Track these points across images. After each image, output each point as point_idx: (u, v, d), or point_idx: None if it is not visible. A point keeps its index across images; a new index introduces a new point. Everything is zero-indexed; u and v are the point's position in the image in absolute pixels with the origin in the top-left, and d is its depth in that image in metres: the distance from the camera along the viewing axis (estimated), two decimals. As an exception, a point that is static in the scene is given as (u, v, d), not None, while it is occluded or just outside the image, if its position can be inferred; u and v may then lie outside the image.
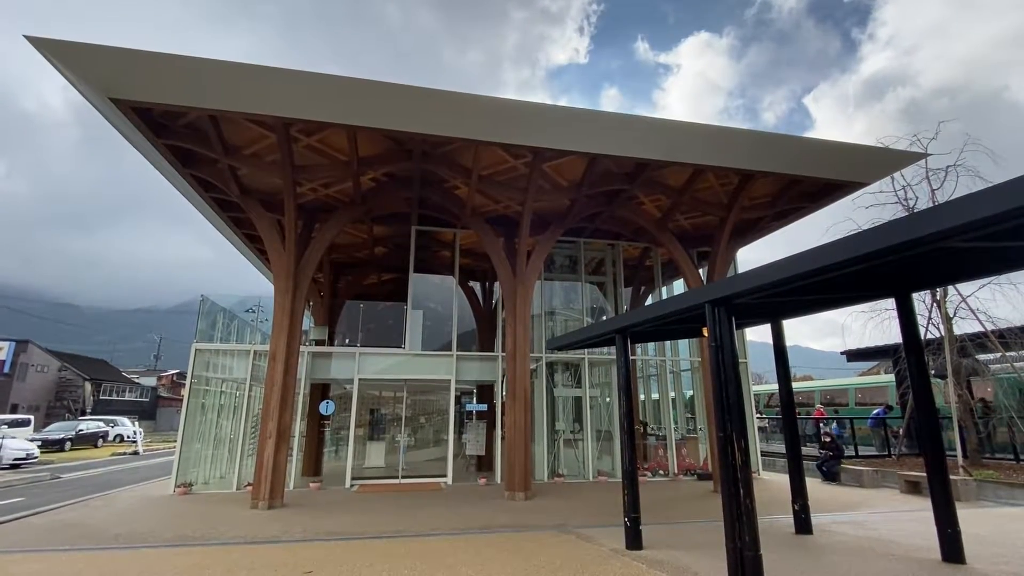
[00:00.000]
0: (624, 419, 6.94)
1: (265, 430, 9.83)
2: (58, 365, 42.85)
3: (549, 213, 12.15)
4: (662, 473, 13.58)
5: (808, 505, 7.36)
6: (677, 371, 16.33)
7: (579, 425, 13.68)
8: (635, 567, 5.76)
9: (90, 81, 7.51)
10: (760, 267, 4.60)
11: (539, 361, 13.65)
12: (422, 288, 14.34)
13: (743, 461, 4.99)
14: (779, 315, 7.53)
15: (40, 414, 36.11)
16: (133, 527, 7.92)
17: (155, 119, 8.66)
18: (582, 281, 14.90)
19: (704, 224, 13.37)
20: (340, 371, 12.91)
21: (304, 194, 11.16)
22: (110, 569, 5.78)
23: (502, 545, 6.78)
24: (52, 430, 25.60)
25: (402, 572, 5.63)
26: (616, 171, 10.90)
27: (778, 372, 7.91)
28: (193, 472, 11.84)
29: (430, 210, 12.42)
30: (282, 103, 8.17)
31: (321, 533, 7.52)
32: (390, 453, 14.12)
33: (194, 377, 12.01)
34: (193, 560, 6.13)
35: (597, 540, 6.99)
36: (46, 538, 7.25)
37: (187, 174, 10.00)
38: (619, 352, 7.15)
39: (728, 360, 5.23)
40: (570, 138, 9.32)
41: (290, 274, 10.40)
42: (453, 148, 9.93)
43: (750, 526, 4.84)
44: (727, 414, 5.15)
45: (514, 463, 10.47)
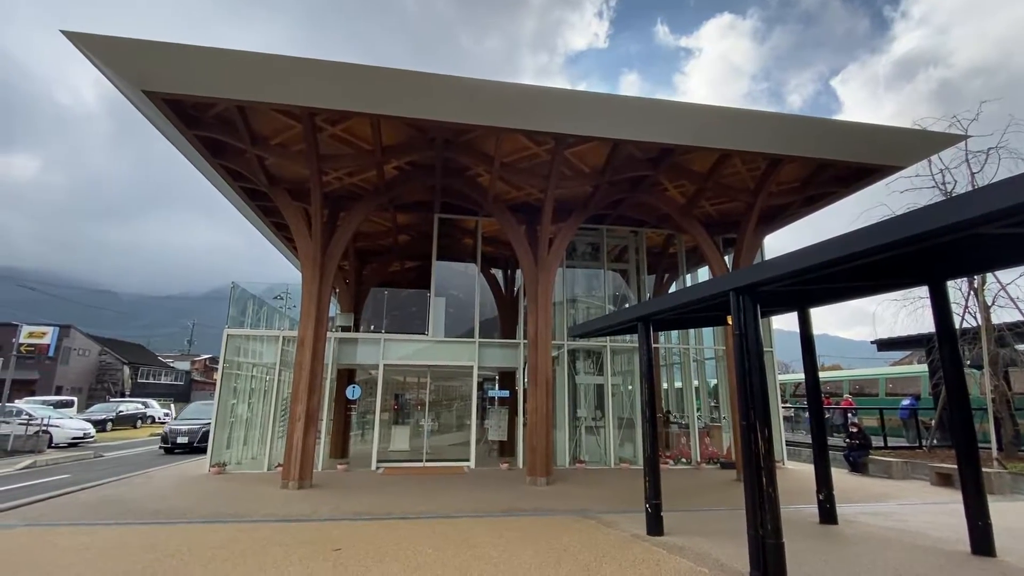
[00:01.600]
0: (646, 407, 6.95)
1: (294, 413, 10.14)
2: (98, 349, 44.72)
3: (571, 200, 12.08)
4: (684, 461, 13.55)
5: (833, 495, 7.28)
6: (701, 359, 16.17)
7: (601, 412, 13.71)
8: (656, 552, 5.81)
9: (124, 74, 7.74)
10: (788, 254, 4.53)
11: (561, 348, 13.69)
12: (445, 275, 14.48)
13: (766, 450, 4.97)
14: (807, 303, 7.39)
15: (83, 396, 37.83)
16: (172, 504, 8.30)
17: (186, 110, 8.89)
18: (604, 268, 14.82)
19: (730, 210, 13.12)
20: (365, 357, 13.18)
21: (329, 183, 11.33)
22: (152, 542, 6.10)
23: (524, 528, 6.90)
24: (94, 411, 26.84)
25: (427, 551, 5.80)
26: (640, 157, 10.75)
27: (805, 361, 7.79)
28: (226, 453, 12.31)
29: (452, 198, 12.48)
30: (307, 93, 8.28)
31: (348, 513, 7.76)
32: (414, 437, 14.40)
33: (226, 362, 12.43)
34: (228, 535, 6.42)
35: (618, 525, 7.05)
36: (92, 513, 7.67)
37: (217, 164, 10.25)
38: (642, 340, 7.13)
39: (753, 348, 5.18)
40: (593, 124, 9.22)
41: (317, 262, 10.62)
42: (475, 136, 9.94)
43: (772, 514, 4.83)
44: (751, 403, 5.12)
45: (536, 448, 10.58)
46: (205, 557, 5.53)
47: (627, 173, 10.93)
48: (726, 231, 13.66)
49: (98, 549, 5.80)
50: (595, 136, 9.48)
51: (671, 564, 5.38)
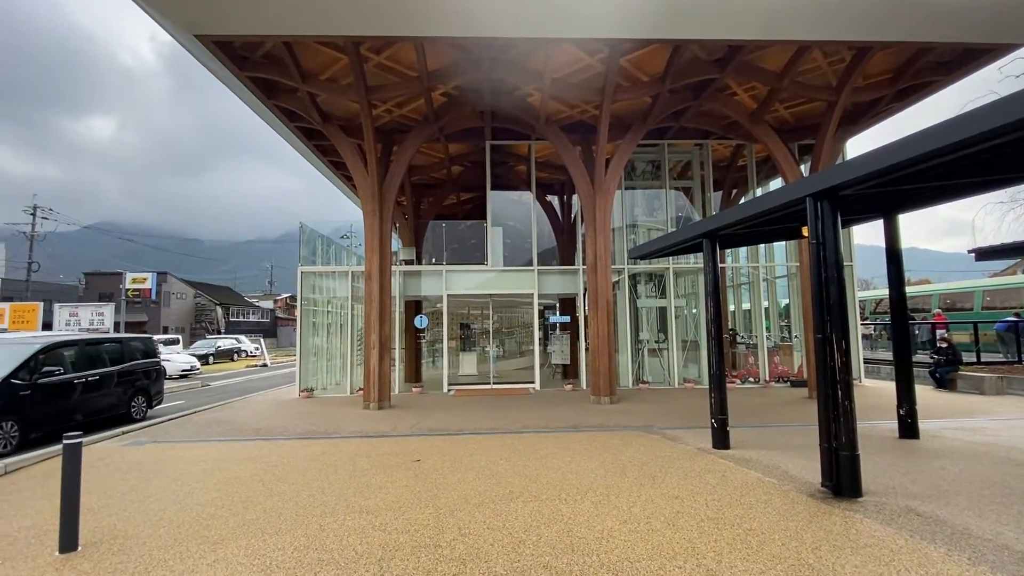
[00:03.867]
0: (712, 324, 6.78)
1: (369, 342, 10.79)
2: (193, 292, 49.11)
3: (628, 114, 11.38)
4: (752, 380, 13.35)
5: (915, 410, 6.96)
6: (771, 278, 15.45)
7: (664, 335, 13.61)
8: (721, 463, 5.88)
9: (175, 19, 7.83)
10: (875, 149, 4.07)
11: (621, 273, 13.49)
12: (500, 205, 14.38)
13: (843, 363, 4.75)
14: (894, 209, 6.73)
15: (185, 334, 42.12)
16: (270, 423, 9.27)
17: (236, 51, 8.96)
18: (666, 187, 14.12)
19: (807, 112, 11.89)
20: (429, 288, 13.63)
21: (380, 116, 11.27)
22: (255, 455, 6.89)
23: (590, 442, 7.16)
24: (197, 347, 29.96)
25: (498, 462, 6.18)
26: (704, 58, 9.80)
27: (889, 273, 7.22)
28: (313, 379, 13.46)
29: (503, 122, 12.08)
30: (348, 21, 8.06)
31: (424, 429, 8.36)
32: (481, 362, 15.05)
33: (304, 298, 13.29)
34: (320, 449, 7.12)
35: (683, 440, 7.16)
36: (204, 431, 8.72)
37: (272, 105, 10.42)
38: (707, 258, 6.84)
39: (831, 258, 4.83)
40: (652, 24, 8.41)
41: (375, 196, 10.82)
42: (522, 51, 9.39)
43: (847, 427, 4.70)
44: (827, 315, 4.85)
45: (599, 370, 10.75)
46: (301, 467, 6.20)
47: (690, 78, 10.05)
48: (802, 136, 12.48)
49: (212, 460, 6.64)
50: (654, 39, 8.70)
51: (737, 475, 5.44)
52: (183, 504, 4.91)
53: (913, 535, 3.82)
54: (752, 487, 5.02)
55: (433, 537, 4.00)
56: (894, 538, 3.77)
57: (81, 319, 18.50)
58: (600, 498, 4.79)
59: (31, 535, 4.26)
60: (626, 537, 3.91)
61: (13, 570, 3.63)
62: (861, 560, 3.45)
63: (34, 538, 4.19)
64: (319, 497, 5.01)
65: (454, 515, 4.45)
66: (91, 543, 4.03)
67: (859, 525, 4.03)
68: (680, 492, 4.91)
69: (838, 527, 4.00)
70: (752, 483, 5.15)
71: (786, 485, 5.06)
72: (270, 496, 5.07)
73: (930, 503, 4.46)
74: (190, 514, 4.63)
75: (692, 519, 4.23)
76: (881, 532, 3.89)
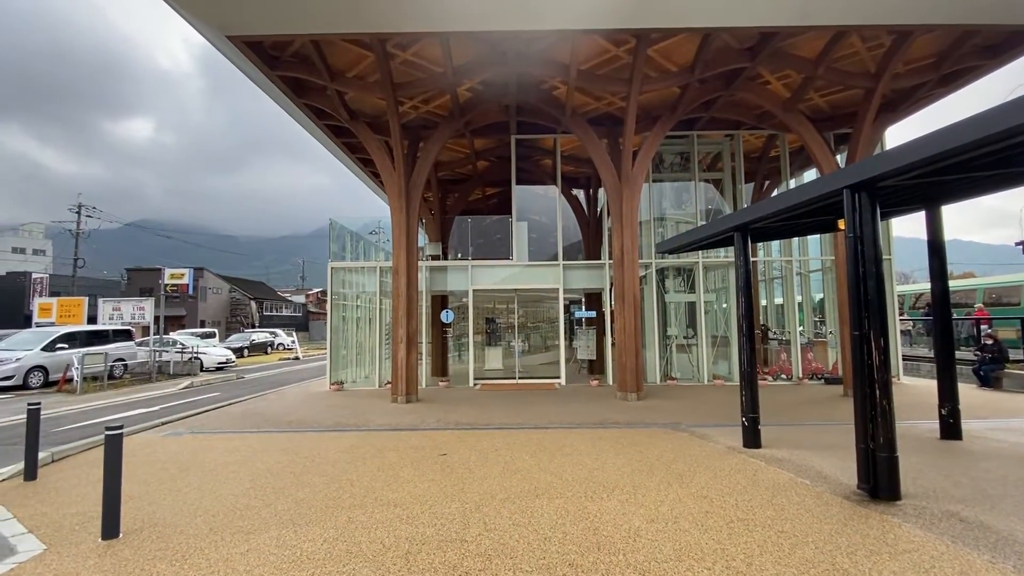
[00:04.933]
0: (743, 320, 6.62)
1: (396, 336, 10.93)
2: (228, 287, 50.62)
3: (656, 105, 11.16)
4: (784, 377, 13.01)
5: (958, 409, 6.66)
6: (805, 272, 14.99)
7: (693, 330, 13.37)
8: (752, 463, 5.75)
9: (208, 21, 8.02)
10: (916, 139, 3.88)
11: (649, 267, 13.30)
12: (525, 200, 14.34)
13: (881, 361, 4.57)
14: (937, 200, 6.42)
15: (221, 328, 43.49)
16: (302, 415, 9.50)
17: (267, 52, 9.13)
18: (695, 180, 13.82)
19: (844, 100, 11.44)
20: (455, 283, 13.71)
21: (406, 112, 11.35)
22: (289, 446, 7.07)
23: (617, 439, 7.10)
24: (232, 340, 30.93)
25: (524, 458, 6.19)
26: (735, 47, 9.53)
27: (931, 266, 6.90)
28: (343, 372, 13.73)
29: (528, 116, 12.00)
30: (375, 17, 8.12)
31: (451, 423, 8.43)
32: (506, 357, 15.08)
33: (334, 293, 13.54)
34: (350, 442, 7.26)
35: (712, 438, 7.03)
36: (239, 423, 8.99)
37: (301, 104, 10.60)
38: (738, 252, 6.67)
39: (869, 252, 4.65)
40: (680, 12, 8.22)
41: (402, 192, 10.92)
42: (548, 43, 9.29)
43: (885, 427, 4.52)
44: (864, 311, 4.68)
45: (625, 365, 10.64)
46: (331, 459, 6.33)
47: (720, 67, 9.78)
48: (838, 125, 12.03)
49: (246, 451, 6.84)
50: (683, 28, 8.50)
51: (769, 475, 5.31)
52: (218, 494, 5.07)
53: (955, 541, 3.66)
54: (784, 488, 4.90)
55: (459, 532, 4.03)
56: (935, 544, 3.63)
57: (123, 313, 19.27)
58: (627, 496, 4.75)
59: (76, 522, 4.46)
60: (653, 537, 3.87)
61: (59, 555, 3.82)
62: (900, 566, 3.32)
63: (79, 524, 4.39)
64: (348, 489, 5.11)
65: (480, 510, 4.48)
66: (132, 530, 4.20)
67: (897, 530, 3.89)
68: (709, 492, 4.82)
69: (875, 531, 3.87)
70: (784, 484, 5.02)
71: (820, 486, 4.92)
72: (301, 487, 5.20)
73: (973, 507, 4.27)
74: (224, 504, 4.78)
75: (721, 520, 4.15)
76: (921, 537, 3.74)
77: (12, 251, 51.93)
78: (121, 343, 17.48)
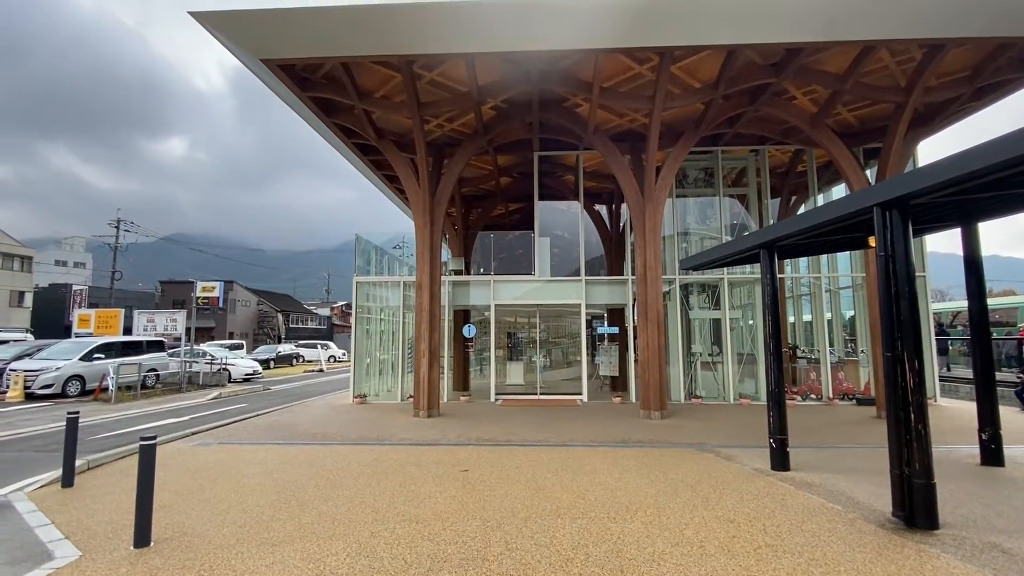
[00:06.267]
0: (770, 339, 6.49)
1: (419, 350, 11.03)
2: (256, 300, 51.83)
3: (680, 121, 11.15)
4: (814, 397, 12.66)
5: (1000, 434, 6.38)
6: (835, 289, 14.64)
7: (718, 348, 13.14)
8: (780, 487, 5.59)
9: (244, 46, 8.37)
10: (950, 156, 3.80)
11: (672, 283, 13.16)
12: (548, 215, 14.40)
13: (916, 383, 4.43)
14: (973, 217, 6.25)
15: (248, 340, 44.46)
16: (326, 428, 9.61)
17: (298, 73, 9.46)
18: (720, 195, 13.69)
19: (873, 114, 11.25)
20: (477, 298, 13.80)
21: (431, 131, 11.58)
22: (313, 458, 7.16)
23: (640, 459, 6.99)
24: (260, 352, 31.59)
25: (546, 476, 6.14)
26: (759, 63, 9.49)
27: (968, 285, 6.69)
28: (366, 385, 13.88)
29: (551, 133, 12.13)
30: (403, 40, 8.35)
31: (473, 439, 8.42)
32: (528, 372, 15.03)
33: (358, 307, 13.76)
34: (373, 456, 7.32)
35: (738, 460, 6.87)
36: (265, 434, 9.15)
37: (330, 123, 10.92)
38: (764, 269, 6.58)
39: (901, 271, 4.54)
40: (703, 30, 8.25)
41: (426, 208, 11.09)
42: (572, 62, 9.40)
43: (921, 452, 4.37)
44: (897, 331, 4.55)
45: (648, 383, 10.50)
46: (354, 472, 6.39)
47: (745, 83, 9.74)
48: (868, 140, 11.82)
49: (272, 463, 6.95)
50: (706, 45, 8.51)
51: (798, 500, 5.16)
52: (245, 505, 5.16)
53: (997, 574, 3.49)
54: (815, 513, 4.75)
55: (480, 550, 4.02)
56: (977, 578, 3.47)
57: (157, 324, 19.88)
58: (650, 518, 4.67)
59: (109, 529, 4.59)
60: (678, 561, 3.79)
61: (93, 562, 3.93)
62: (939, 600, 3.19)
63: (112, 532, 4.52)
64: (371, 504, 5.15)
65: (501, 528, 4.46)
66: (162, 539, 4.30)
67: (935, 561, 3.73)
68: (736, 515, 4.71)
69: (911, 562, 3.72)
70: (815, 509, 4.87)
71: (852, 512, 4.75)
72: (325, 501, 5.25)
73: (1017, 539, 4.07)
74: (251, 515, 4.86)
75: (749, 545, 4.05)
76: (960, 570, 3.58)
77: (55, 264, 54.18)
78: (154, 354, 18.03)
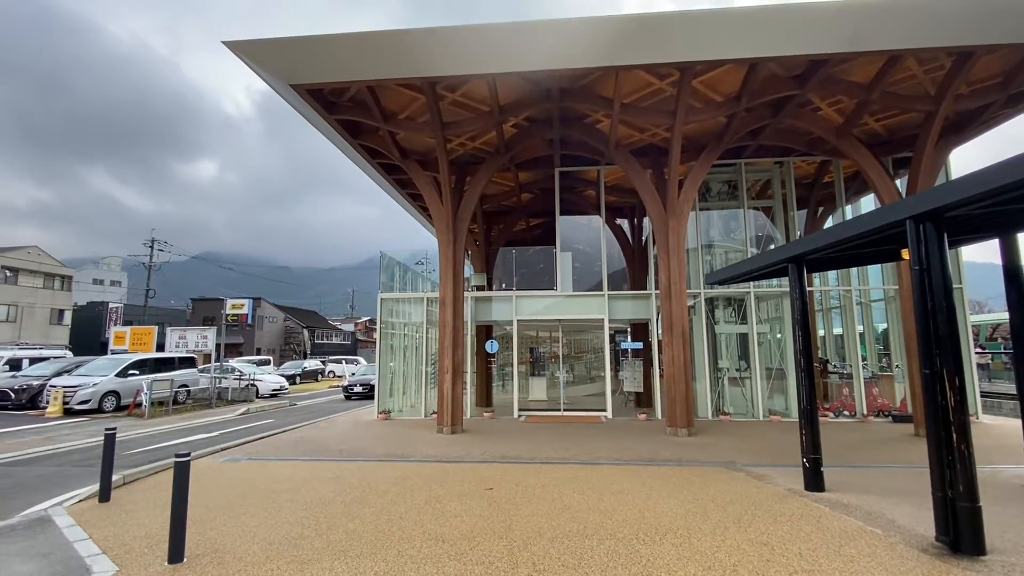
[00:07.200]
0: (801, 356, 6.35)
1: (442, 366, 11.08)
2: (283, 316, 52.84)
3: (701, 135, 11.10)
4: (847, 414, 12.26)
5: (1051, 455, 6.08)
6: (866, 302, 14.26)
7: (745, 363, 12.87)
8: (815, 508, 5.42)
9: (274, 72, 8.68)
10: (985, 168, 3.70)
11: (697, 297, 12.99)
12: (569, 230, 14.41)
13: (957, 402, 4.27)
14: (1011, 227, 6.03)
15: (275, 355, 45.27)
16: (351, 444, 9.69)
17: (325, 97, 9.76)
18: (744, 207, 13.53)
19: (902, 123, 11.03)
20: (500, 313, 13.83)
21: (454, 149, 11.76)
22: (340, 474, 7.22)
23: (667, 477, 6.86)
24: (286, 368, 32.14)
25: (571, 495, 6.07)
26: (783, 74, 9.41)
27: (1009, 297, 6.42)
28: (390, 401, 13.97)
29: (572, 149, 12.20)
30: (426, 62, 8.55)
31: (496, 456, 8.39)
32: (551, 388, 14.94)
33: (382, 322, 13.92)
34: (398, 473, 7.34)
35: (770, 479, 6.69)
36: (292, 450, 9.27)
37: (356, 144, 11.20)
38: (793, 283, 6.46)
39: (937, 285, 4.41)
40: (724, 44, 8.24)
41: (449, 226, 11.23)
42: (592, 80, 9.50)
43: (965, 474, 4.18)
44: (936, 348, 4.40)
45: (675, 399, 10.33)
46: (380, 489, 6.41)
47: (768, 96, 9.67)
48: (897, 150, 11.57)
49: (299, 479, 7.03)
50: (727, 59, 8.50)
51: (835, 522, 4.99)
52: (274, 521, 5.23)
53: (1056, 606, 3.31)
54: (853, 537, 4.58)
55: (507, 571, 3.98)
56: (1031, 608, 3.29)
57: (188, 341, 20.42)
58: (681, 540, 4.57)
59: (144, 544, 4.69)
60: (710, 585, 3.69)
61: (133, 577, 4.02)
62: (990, 632, 3.03)
63: (147, 547, 4.61)
64: (397, 522, 5.15)
65: (528, 549, 4.42)
66: (195, 555, 4.38)
67: (985, 590, 3.56)
68: (769, 538, 4.57)
69: (959, 590, 3.56)
70: (853, 532, 4.70)
71: (893, 536, 4.57)
72: (352, 519, 5.28)
73: (1076, 569, 3.86)
74: (280, 532, 4.92)
75: (784, 570, 3.92)
76: (1014, 600, 3.41)
77: (92, 282, 56.34)
78: (185, 370, 18.50)
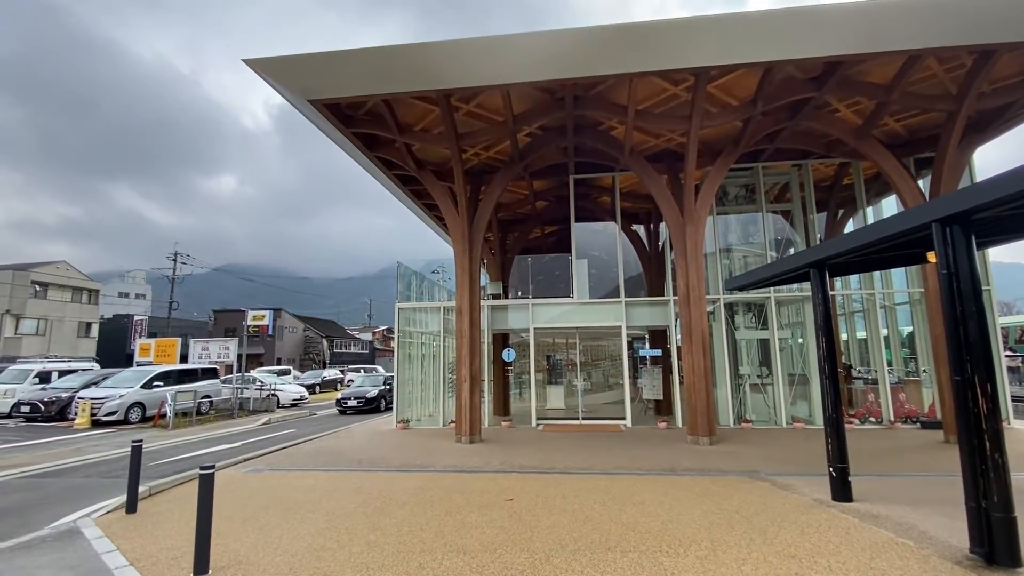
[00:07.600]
0: (825, 362, 6.23)
1: (460, 375, 11.10)
2: (303, 327, 53.53)
3: (717, 140, 11.02)
4: (873, 420, 11.97)
5: (1092, 463, 5.85)
6: (890, 305, 13.94)
7: (767, 369, 12.66)
8: (843, 519, 5.29)
9: (293, 89, 8.87)
10: (1014, 169, 3.61)
11: (716, 302, 12.84)
12: (585, 237, 14.39)
13: (989, 409, 4.14)
14: (1044, 227, 5.86)
15: (295, 365, 45.81)
16: (371, 454, 9.74)
17: (343, 112, 9.93)
18: (762, 211, 13.36)
19: (923, 124, 10.82)
20: (516, 322, 13.82)
21: (469, 159, 11.86)
22: (360, 485, 7.26)
23: (689, 487, 6.76)
24: (306, 378, 32.48)
25: (593, 506, 6.01)
26: (799, 77, 9.32)
27: (1043, 300, 6.25)
28: (408, 411, 14.02)
29: (586, 156, 12.20)
30: (440, 75, 8.65)
31: (516, 466, 8.35)
32: (569, 396, 14.86)
33: (400, 332, 14.02)
34: (418, 483, 7.35)
35: (796, 489, 6.55)
36: (312, 460, 9.35)
37: (373, 157, 11.36)
38: (815, 288, 6.35)
39: (966, 289, 4.30)
40: (739, 49, 8.18)
41: (465, 235, 11.30)
42: (606, 87, 9.51)
43: (1000, 483, 4.05)
44: (966, 354, 4.28)
45: (695, 407, 10.20)
46: (400, 500, 6.43)
47: (784, 99, 9.57)
48: (919, 150, 11.34)
49: (321, 490, 7.08)
50: (743, 64, 8.44)
51: (864, 533, 4.86)
52: (296, 533, 5.27)
53: (1103, 624, 3.17)
54: (883, 549, 4.46)
55: (529, 584, 3.95)
56: (1076, 626, 3.16)
57: (211, 352, 20.81)
58: (705, 553, 4.49)
59: (170, 556, 4.76)
60: (736, 599, 3.62)
61: (160, 588, 4.08)
62: (1033, 651, 2.92)
63: (172, 560, 4.68)
64: (418, 534, 5.16)
65: (550, 561, 4.38)
66: (219, 567, 4.43)
67: (1026, 606, 3.43)
68: (797, 551, 4.47)
69: (998, 606, 3.43)
70: (883, 544, 4.57)
71: (926, 548, 4.44)
72: (373, 530, 5.30)
73: (1123, 584, 3.69)
74: (302, 543, 4.95)
75: (812, 583, 3.83)
76: (1057, 617, 3.27)
77: (118, 295, 57.74)
78: (208, 381, 18.82)
